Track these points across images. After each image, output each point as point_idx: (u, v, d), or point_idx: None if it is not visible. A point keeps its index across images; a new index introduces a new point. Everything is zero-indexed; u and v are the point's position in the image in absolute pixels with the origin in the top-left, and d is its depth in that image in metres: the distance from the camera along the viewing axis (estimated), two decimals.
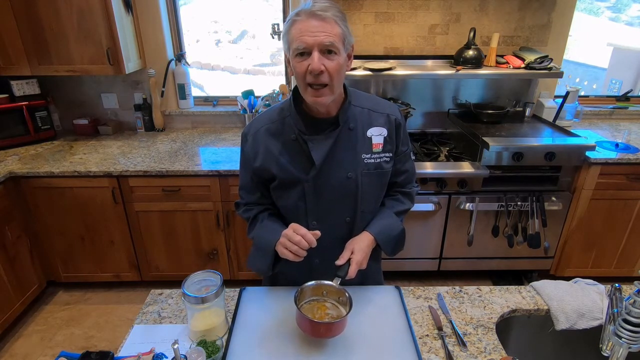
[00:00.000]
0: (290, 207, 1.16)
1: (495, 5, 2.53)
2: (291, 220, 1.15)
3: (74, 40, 2.28)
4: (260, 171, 1.14)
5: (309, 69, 0.96)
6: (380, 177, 1.16)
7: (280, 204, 1.19)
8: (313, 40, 0.95)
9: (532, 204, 2.30)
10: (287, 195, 1.15)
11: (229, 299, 1.19)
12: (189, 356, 0.88)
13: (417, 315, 1.13)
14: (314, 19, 0.95)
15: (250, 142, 1.14)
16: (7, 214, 2.15)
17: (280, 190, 1.15)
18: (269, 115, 1.14)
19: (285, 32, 1.00)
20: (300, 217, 1.16)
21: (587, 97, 2.99)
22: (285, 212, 1.19)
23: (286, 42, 1.01)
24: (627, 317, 0.80)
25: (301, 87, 1.02)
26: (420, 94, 2.72)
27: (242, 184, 1.22)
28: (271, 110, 1.16)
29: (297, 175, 1.10)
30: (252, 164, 1.15)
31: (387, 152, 1.14)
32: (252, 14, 9.22)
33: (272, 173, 1.12)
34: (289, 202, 1.16)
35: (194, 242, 2.40)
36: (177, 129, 2.87)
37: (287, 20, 1.00)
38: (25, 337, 2.25)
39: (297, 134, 1.09)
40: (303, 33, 0.95)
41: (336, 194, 1.13)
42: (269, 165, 1.12)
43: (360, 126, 1.12)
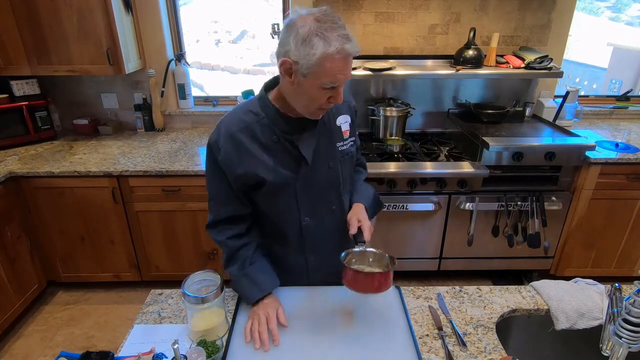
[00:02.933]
0: (282, 209, 1.17)
1: (495, 5, 2.53)
2: (283, 221, 1.18)
3: (73, 40, 2.28)
4: (244, 178, 1.09)
5: (331, 100, 1.00)
6: (352, 160, 1.25)
7: (271, 208, 1.17)
8: (344, 78, 0.97)
9: (532, 203, 2.30)
10: (278, 197, 1.14)
11: (229, 299, 1.19)
12: (189, 356, 0.88)
13: (417, 315, 1.13)
14: (348, 59, 0.95)
15: (225, 149, 1.07)
16: (7, 214, 2.15)
17: (271, 194, 1.13)
18: (240, 117, 1.08)
19: (317, 59, 0.91)
20: (294, 217, 1.17)
21: (587, 97, 2.99)
22: (278, 215, 1.18)
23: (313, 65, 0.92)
24: (627, 317, 0.80)
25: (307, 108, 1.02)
26: (420, 94, 2.72)
27: (214, 196, 1.15)
28: (239, 112, 1.10)
29: (287, 176, 1.11)
30: (233, 171, 1.09)
31: (352, 135, 1.22)
32: (252, 14, 9.22)
33: (261, 178, 1.09)
34: (281, 205, 1.15)
35: (194, 242, 2.40)
36: (177, 129, 2.87)
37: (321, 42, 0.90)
38: (25, 337, 2.25)
39: (278, 136, 1.08)
40: (339, 72, 0.94)
41: (322, 186, 1.17)
42: (256, 170, 1.08)
43: (331, 118, 1.17)
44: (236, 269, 1.15)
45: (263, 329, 1.04)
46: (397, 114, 2.51)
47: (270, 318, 1.07)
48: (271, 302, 1.11)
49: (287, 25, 0.96)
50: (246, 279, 1.14)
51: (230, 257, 1.17)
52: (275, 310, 1.09)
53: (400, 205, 2.29)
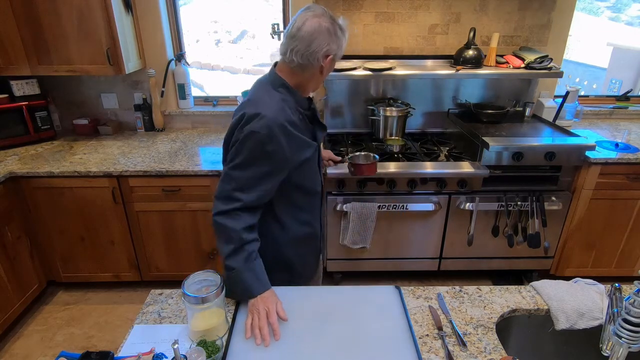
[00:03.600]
0: (313, 175, 1.34)
1: (495, 5, 2.53)
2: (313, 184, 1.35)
3: (73, 40, 2.28)
4: (293, 161, 1.21)
5: None
6: None
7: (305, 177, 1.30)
8: None
9: (532, 203, 2.30)
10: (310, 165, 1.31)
11: (229, 299, 1.19)
12: (189, 356, 0.88)
13: (417, 315, 1.13)
14: None
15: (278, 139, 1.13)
16: (7, 214, 2.15)
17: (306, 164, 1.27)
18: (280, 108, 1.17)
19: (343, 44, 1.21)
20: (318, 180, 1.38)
21: (587, 97, 2.99)
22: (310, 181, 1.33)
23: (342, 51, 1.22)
24: (627, 317, 0.80)
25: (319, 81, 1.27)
26: (420, 94, 2.72)
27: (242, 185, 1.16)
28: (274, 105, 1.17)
29: (313, 145, 1.29)
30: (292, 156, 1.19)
31: None
32: (252, 14, 9.22)
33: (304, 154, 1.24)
34: (312, 171, 1.33)
35: (194, 242, 2.40)
36: (177, 129, 2.87)
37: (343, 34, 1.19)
38: (25, 337, 2.25)
39: (302, 114, 1.27)
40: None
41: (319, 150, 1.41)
42: (300, 150, 1.22)
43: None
44: (241, 262, 1.15)
45: (264, 323, 1.06)
46: (397, 114, 2.51)
47: (270, 312, 1.08)
48: (270, 296, 1.14)
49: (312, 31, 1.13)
50: (251, 274, 1.15)
51: (237, 249, 1.15)
52: (275, 304, 1.11)
53: (400, 205, 2.29)
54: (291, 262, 1.37)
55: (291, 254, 1.36)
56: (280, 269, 1.33)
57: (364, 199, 2.27)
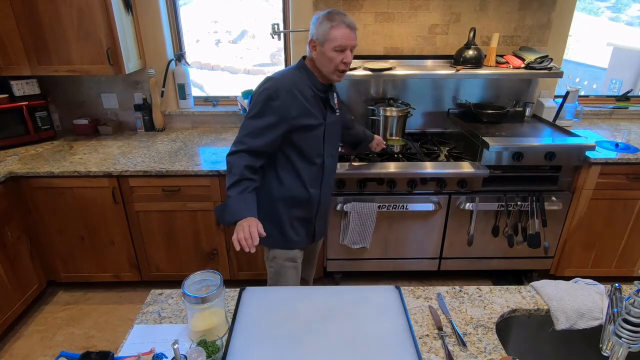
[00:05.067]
0: (314, 146, 1.55)
1: (495, 5, 2.53)
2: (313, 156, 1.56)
3: (74, 40, 2.28)
4: (294, 119, 1.45)
5: (344, 61, 1.45)
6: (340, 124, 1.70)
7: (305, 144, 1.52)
8: (348, 43, 1.44)
9: (532, 203, 2.30)
10: (312, 137, 1.53)
11: (229, 299, 1.19)
12: (189, 356, 0.88)
13: (417, 315, 1.13)
14: (350, 29, 1.44)
15: (284, 97, 1.42)
16: (7, 214, 2.15)
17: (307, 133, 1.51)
18: (291, 79, 1.48)
19: (326, 30, 1.42)
20: (319, 154, 1.57)
21: (587, 97, 2.99)
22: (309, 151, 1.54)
23: (325, 37, 1.42)
24: (627, 317, 0.80)
25: (330, 70, 1.47)
26: (420, 94, 2.72)
27: (251, 130, 1.44)
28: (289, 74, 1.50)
29: (320, 121, 1.53)
30: (287, 113, 1.43)
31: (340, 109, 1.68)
32: (252, 14, 9.21)
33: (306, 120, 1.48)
34: (313, 142, 1.54)
35: (194, 242, 2.40)
36: (177, 129, 2.87)
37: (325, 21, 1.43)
38: (25, 337, 2.25)
39: (314, 92, 1.51)
40: (344, 37, 1.43)
41: (335, 136, 1.65)
42: (303, 113, 1.47)
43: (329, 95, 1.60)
44: (236, 192, 1.40)
45: (247, 235, 1.31)
46: (397, 114, 2.51)
47: (251, 226, 1.33)
48: (252, 219, 1.37)
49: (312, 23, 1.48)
50: (242, 202, 1.40)
51: (237, 181, 1.41)
52: (256, 224, 1.35)
53: (400, 205, 2.30)
54: (281, 220, 1.61)
55: (282, 211, 1.60)
56: (271, 222, 1.58)
57: (364, 199, 2.27)
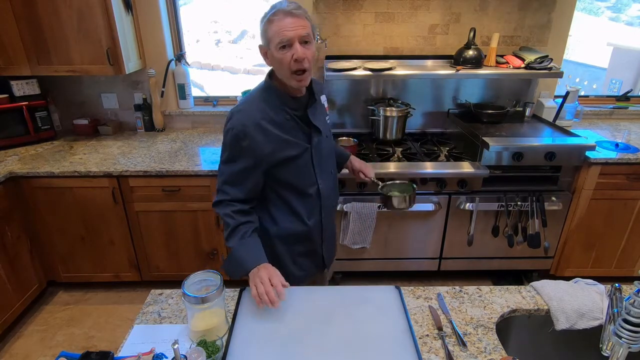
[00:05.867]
0: (303, 176, 1.33)
1: (495, 5, 2.53)
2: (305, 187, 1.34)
3: (73, 40, 2.28)
4: (271, 156, 1.24)
5: (294, 57, 1.13)
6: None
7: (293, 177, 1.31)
8: (294, 34, 1.12)
9: (532, 204, 2.30)
10: (299, 167, 1.31)
11: (229, 299, 1.19)
12: (189, 356, 0.88)
13: (417, 315, 1.13)
14: (290, 16, 1.12)
15: (253, 136, 1.20)
16: (7, 214, 2.15)
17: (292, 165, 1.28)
18: (255, 106, 1.24)
19: (264, 30, 1.16)
20: (312, 181, 1.34)
21: (587, 97, 2.99)
22: (299, 182, 1.32)
23: (265, 38, 1.17)
24: (627, 317, 0.80)
25: (286, 75, 1.18)
26: (420, 94, 2.72)
27: (228, 179, 1.27)
28: (253, 102, 1.25)
29: (303, 147, 1.29)
30: (261, 153, 1.22)
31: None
32: (252, 14, 9.21)
33: (285, 153, 1.25)
34: (301, 172, 1.32)
35: (194, 242, 2.40)
36: (177, 129, 2.87)
37: (265, 20, 1.15)
38: (25, 337, 2.25)
39: (290, 114, 1.26)
40: (283, 29, 1.11)
41: (327, 153, 1.39)
42: (281, 147, 1.24)
43: (318, 96, 1.36)
44: (236, 241, 1.24)
45: (268, 288, 1.10)
46: (397, 114, 2.51)
47: (271, 275, 1.14)
48: (268, 266, 1.19)
49: None
50: (244, 248, 1.23)
51: (232, 231, 1.26)
52: (274, 273, 1.16)
53: None
54: (280, 259, 1.40)
55: (281, 249, 1.40)
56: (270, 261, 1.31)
57: (364, 199, 2.27)
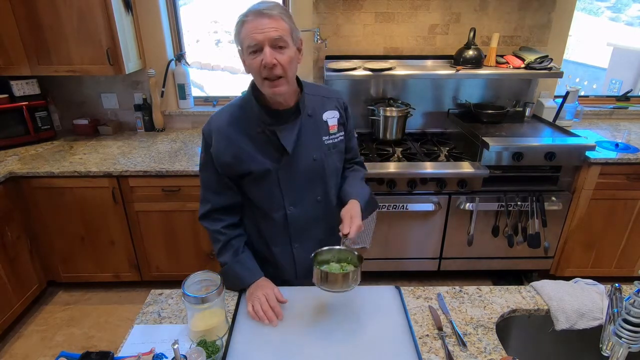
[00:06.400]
0: (267, 197, 1.22)
1: (495, 5, 2.53)
2: (270, 209, 1.23)
3: (73, 40, 2.28)
4: (231, 166, 1.16)
5: (263, 63, 1.02)
6: (339, 155, 1.28)
7: (256, 196, 1.23)
8: (263, 37, 1.00)
9: (532, 204, 2.30)
10: (262, 186, 1.20)
11: (229, 299, 1.19)
12: (189, 356, 0.88)
13: (417, 315, 1.13)
14: (262, 17, 1.01)
15: (215, 139, 1.16)
16: (7, 214, 2.15)
17: (255, 182, 1.20)
18: (229, 112, 1.18)
19: (236, 33, 1.06)
20: (278, 205, 1.22)
21: (587, 97, 2.99)
22: (263, 203, 1.23)
23: (238, 42, 1.06)
24: (627, 317, 0.80)
25: (258, 82, 1.08)
26: (420, 94, 2.72)
27: (208, 185, 1.23)
28: (229, 107, 1.20)
29: (270, 165, 1.17)
30: (221, 160, 1.16)
31: (341, 132, 1.27)
32: None
33: (245, 166, 1.16)
34: (266, 193, 1.21)
35: (194, 242, 2.39)
36: (177, 129, 2.87)
37: (237, 22, 1.05)
38: (25, 337, 2.25)
39: (262, 127, 1.15)
40: (253, 31, 1.01)
41: (307, 177, 1.21)
42: (241, 159, 1.16)
43: (317, 112, 1.22)
44: (229, 257, 1.22)
45: (266, 307, 1.09)
46: (397, 114, 2.51)
47: (269, 296, 1.12)
48: (266, 283, 1.18)
49: None
50: (239, 265, 1.21)
51: (223, 246, 1.23)
52: (272, 289, 1.15)
53: (400, 205, 2.29)
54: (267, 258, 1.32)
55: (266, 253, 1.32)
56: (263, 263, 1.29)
57: None
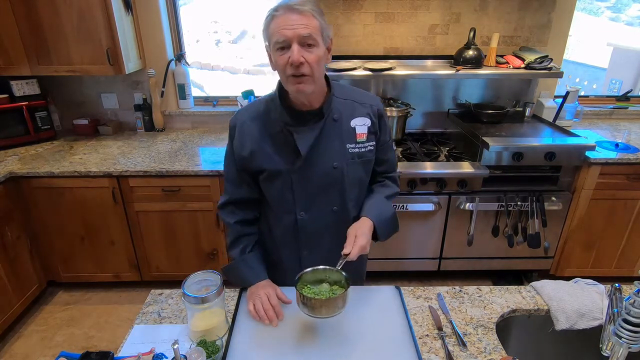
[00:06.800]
0: (278, 198, 1.19)
1: (495, 5, 2.53)
2: (281, 211, 1.21)
3: (74, 40, 2.28)
4: (247, 161, 1.15)
5: (290, 61, 0.98)
6: (365, 166, 1.20)
7: (269, 195, 1.21)
8: (292, 33, 0.97)
9: (532, 204, 2.30)
10: (275, 186, 1.17)
11: (229, 299, 1.19)
12: (189, 356, 0.88)
13: (417, 315, 1.13)
14: (292, 13, 0.97)
15: (238, 132, 1.16)
16: (7, 214, 2.15)
17: (269, 181, 1.17)
18: (255, 107, 1.17)
19: (265, 27, 1.03)
20: (289, 208, 1.19)
21: (587, 97, 2.99)
22: (275, 203, 1.21)
23: (266, 37, 1.03)
24: (627, 317, 0.80)
25: (283, 79, 1.05)
26: (420, 94, 2.72)
27: (228, 177, 1.23)
28: (257, 102, 1.19)
29: (283, 166, 1.13)
30: (240, 154, 1.16)
31: (371, 141, 1.18)
32: (252, 14, 9.22)
33: (260, 163, 1.14)
34: (277, 193, 1.18)
35: (194, 242, 2.39)
36: (177, 129, 2.87)
37: (267, 16, 1.02)
38: (25, 337, 2.25)
39: (282, 126, 1.12)
40: (282, 27, 0.97)
41: (323, 184, 1.16)
42: (257, 155, 1.14)
43: (344, 117, 1.15)
44: (237, 253, 1.22)
45: (267, 306, 1.08)
46: (397, 114, 2.51)
47: (270, 295, 1.11)
48: (267, 284, 1.17)
49: None
50: (244, 264, 1.20)
51: (234, 241, 1.24)
52: (274, 289, 1.14)
53: (400, 205, 2.29)
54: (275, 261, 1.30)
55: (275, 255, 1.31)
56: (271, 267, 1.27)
57: None
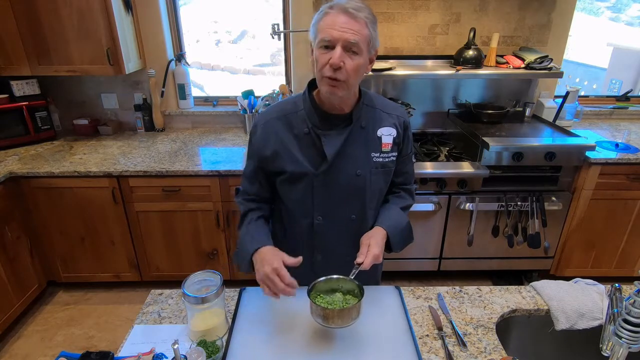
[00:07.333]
0: (298, 201, 1.17)
1: (495, 5, 2.53)
2: (298, 214, 1.19)
3: (74, 40, 2.28)
4: (269, 161, 1.13)
5: (330, 62, 0.97)
6: (386, 176, 1.20)
7: (287, 197, 1.19)
8: (339, 35, 0.96)
9: (532, 204, 2.30)
10: (295, 188, 1.15)
11: (229, 299, 1.19)
12: (189, 356, 0.88)
13: (417, 315, 1.13)
14: (345, 15, 0.96)
15: (260, 132, 1.14)
16: (7, 214, 2.15)
17: (289, 183, 1.15)
18: (282, 107, 1.15)
19: (315, 22, 1.02)
20: (307, 212, 1.18)
21: (587, 97, 2.99)
22: (292, 205, 1.19)
23: (314, 31, 1.02)
24: (627, 317, 0.80)
25: (318, 77, 1.04)
26: (420, 94, 2.72)
27: (245, 173, 1.23)
28: (284, 102, 1.17)
29: (307, 169, 1.11)
30: (261, 153, 1.14)
31: (394, 152, 1.18)
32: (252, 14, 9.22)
33: (282, 164, 1.12)
34: (297, 196, 1.16)
35: (194, 242, 2.40)
36: (177, 129, 2.87)
37: (320, 11, 1.01)
38: (25, 337, 2.25)
39: (310, 128, 1.10)
40: (332, 26, 0.97)
41: (344, 191, 1.15)
42: (280, 156, 1.12)
43: (372, 125, 1.14)
44: (243, 227, 1.20)
45: (282, 286, 0.98)
46: None
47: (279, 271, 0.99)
48: (269, 252, 1.06)
49: None
50: (247, 234, 1.16)
51: (241, 218, 1.22)
52: (280, 260, 1.02)
53: None
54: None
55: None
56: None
57: None
